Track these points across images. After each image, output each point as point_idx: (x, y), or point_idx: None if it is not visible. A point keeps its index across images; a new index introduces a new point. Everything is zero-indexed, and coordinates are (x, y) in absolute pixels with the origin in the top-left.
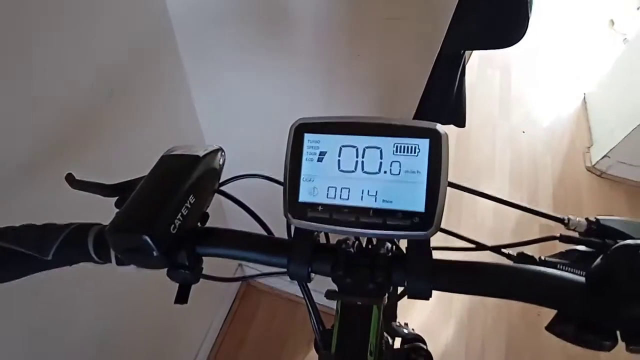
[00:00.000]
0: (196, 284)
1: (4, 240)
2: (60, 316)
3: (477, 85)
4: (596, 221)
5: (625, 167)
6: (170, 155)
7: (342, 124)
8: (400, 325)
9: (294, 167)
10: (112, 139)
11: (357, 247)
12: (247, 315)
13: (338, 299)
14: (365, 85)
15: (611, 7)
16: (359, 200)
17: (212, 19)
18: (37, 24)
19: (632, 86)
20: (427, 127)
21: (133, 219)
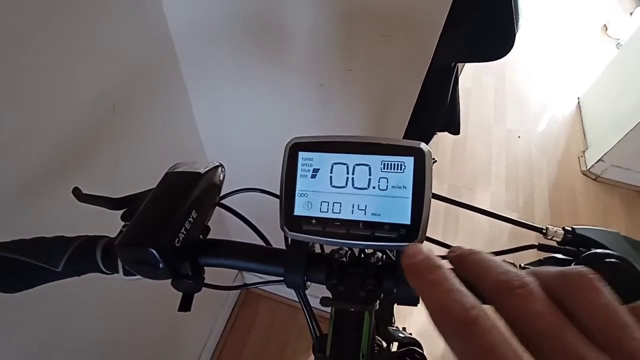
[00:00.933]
0: (198, 292)
1: (16, 252)
2: (64, 324)
3: (472, 91)
4: (572, 230)
5: (620, 171)
6: (174, 172)
7: (333, 143)
8: (396, 329)
9: (289, 183)
10: (116, 153)
11: (349, 257)
12: (247, 321)
13: (332, 306)
14: (358, 98)
15: (604, 12)
16: (350, 213)
17: (212, 37)
18: (41, 42)
19: (625, 90)
20: (412, 146)
21: (140, 233)
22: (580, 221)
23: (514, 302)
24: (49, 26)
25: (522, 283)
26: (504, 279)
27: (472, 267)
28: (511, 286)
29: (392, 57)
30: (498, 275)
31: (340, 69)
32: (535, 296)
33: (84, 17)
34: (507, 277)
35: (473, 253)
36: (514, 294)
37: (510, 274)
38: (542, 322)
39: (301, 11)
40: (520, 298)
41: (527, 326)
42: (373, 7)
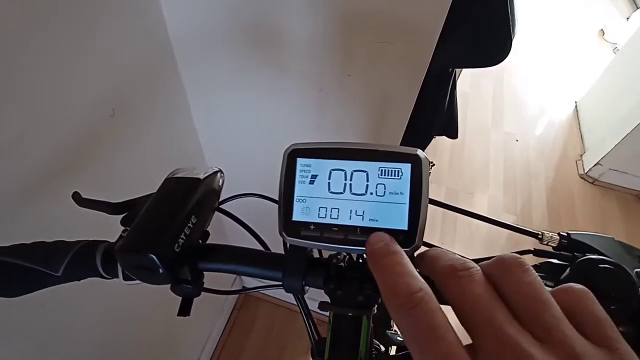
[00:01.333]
0: (198, 297)
1: (16, 257)
2: (63, 328)
3: (470, 95)
4: (567, 236)
5: (617, 175)
6: (174, 178)
7: (331, 149)
8: (395, 332)
9: (287, 189)
10: (116, 157)
11: (347, 261)
12: (245, 325)
13: (330, 310)
14: (356, 103)
15: (601, 17)
16: (348, 219)
17: (211, 41)
18: (40, 44)
19: (622, 94)
20: (409, 153)
21: (141, 239)
22: (577, 224)
23: (457, 283)
24: (48, 28)
25: (464, 267)
26: (449, 264)
27: (427, 258)
28: (455, 269)
29: (390, 63)
30: (446, 261)
31: (339, 74)
32: (475, 279)
33: (84, 20)
34: (452, 262)
35: (431, 249)
36: (457, 276)
37: (456, 260)
38: (479, 304)
39: (300, 16)
40: (462, 280)
41: (465, 305)
42: (371, 13)
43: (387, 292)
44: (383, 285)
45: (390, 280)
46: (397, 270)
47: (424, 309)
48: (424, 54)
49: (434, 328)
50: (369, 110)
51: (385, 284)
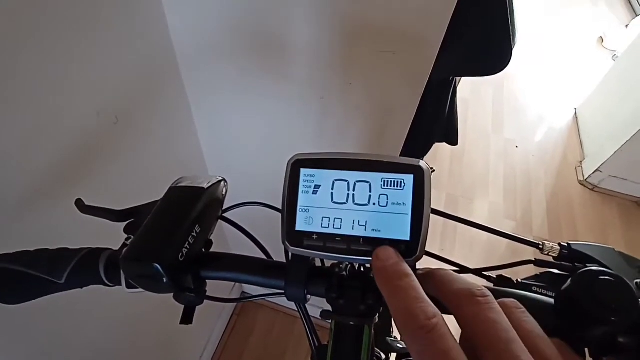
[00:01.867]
0: (200, 305)
1: (19, 264)
2: (63, 333)
3: (470, 102)
4: (568, 246)
5: (617, 181)
6: (177, 187)
7: (335, 160)
8: (395, 339)
9: (291, 199)
10: (118, 164)
11: (349, 271)
12: (245, 330)
13: (332, 319)
14: (357, 111)
15: (601, 24)
16: (350, 229)
17: (214, 49)
18: (44, 51)
19: (621, 101)
20: (412, 164)
21: (145, 248)
22: (577, 231)
23: (476, 309)
24: (51, 34)
25: (482, 294)
26: (466, 288)
27: (438, 279)
28: (474, 294)
29: (392, 72)
30: (461, 285)
31: (341, 82)
32: (493, 307)
33: (87, 26)
34: (470, 287)
35: (440, 269)
36: (476, 302)
37: (472, 285)
38: (497, 331)
39: (303, 25)
40: (481, 306)
41: (483, 331)
42: (373, 23)
43: (403, 315)
44: (398, 309)
45: (405, 304)
46: (412, 295)
47: (439, 333)
48: (425, 63)
49: (449, 352)
50: (370, 118)
51: (400, 307)
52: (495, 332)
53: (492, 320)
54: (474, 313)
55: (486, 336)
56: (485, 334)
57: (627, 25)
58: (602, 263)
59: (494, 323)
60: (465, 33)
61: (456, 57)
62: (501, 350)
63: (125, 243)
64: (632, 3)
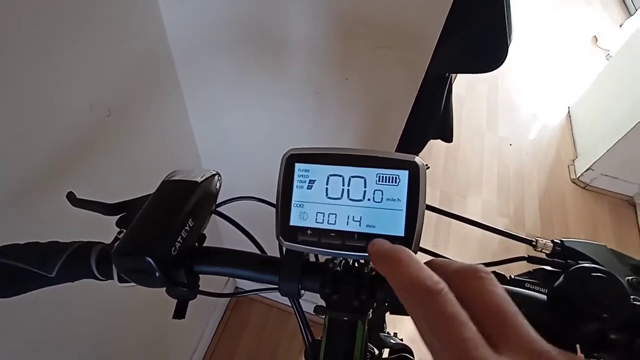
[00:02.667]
0: (193, 300)
1: (9, 258)
2: (54, 328)
3: (465, 99)
4: (561, 243)
5: (609, 180)
6: (171, 181)
7: (330, 155)
8: (388, 335)
9: (285, 194)
10: (111, 158)
11: (343, 266)
12: (238, 325)
13: (326, 314)
14: (353, 106)
15: (595, 24)
16: (345, 225)
17: (209, 43)
18: (37, 45)
19: (614, 101)
20: (407, 160)
21: (137, 242)
22: (569, 228)
23: (481, 282)
24: (44, 28)
25: (484, 270)
26: (468, 265)
27: (437, 265)
28: (476, 269)
29: (388, 67)
30: (462, 265)
31: (336, 77)
32: (495, 282)
33: (81, 20)
34: (471, 265)
35: (437, 258)
36: (478, 276)
37: (473, 264)
38: (505, 302)
39: (299, 20)
40: (485, 280)
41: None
42: (370, 18)
43: (407, 282)
44: (401, 277)
45: (409, 273)
46: (415, 265)
47: (445, 297)
48: (421, 59)
49: (457, 315)
50: (366, 113)
51: (404, 277)
52: (503, 304)
53: (498, 294)
54: (478, 286)
55: (493, 308)
56: (492, 306)
57: (621, 24)
58: (594, 260)
59: (500, 296)
60: (462, 29)
61: (452, 53)
62: (508, 322)
63: (117, 237)
64: (626, 3)
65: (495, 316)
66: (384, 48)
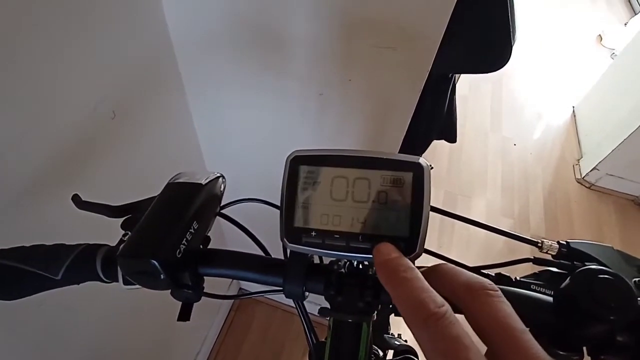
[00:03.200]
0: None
1: (15, 260)
2: (59, 330)
3: (469, 99)
4: (567, 244)
5: (614, 180)
6: (176, 183)
7: (334, 156)
8: (392, 336)
9: (290, 195)
10: (115, 160)
11: (348, 268)
12: (242, 326)
13: (330, 316)
14: (356, 107)
15: (599, 23)
16: (349, 226)
17: (212, 45)
18: (41, 46)
19: (619, 100)
20: (411, 161)
21: (143, 245)
22: (574, 228)
23: (487, 300)
24: (48, 29)
25: (492, 286)
26: (477, 280)
27: (443, 273)
28: (484, 286)
29: (392, 68)
30: (471, 277)
31: (340, 78)
32: (503, 299)
33: (84, 20)
34: (479, 279)
35: (443, 264)
36: (487, 293)
37: (481, 278)
38: (512, 321)
39: (302, 20)
40: (494, 298)
41: (497, 321)
42: (373, 18)
43: (412, 305)
44: (405, 299)
45: (413, 294)
46: (418, 285)
47: (449, 320)
48: (425, 59)
49: (460, 338)
50: (369, 114)
51: (408, 298)
52: (511, 322)
53: (505, 311)
54: (486, 303)
55: (501, 326)
56: (499, 324)
57: (626, 23)
58: (600, 261)
59: (507, 314)
60: (466, 30)
61: (456, 53)
62: (516, 340)
63: (122, 239)
64: (631, 1)
65: (504, 335)
66: (387, 48)
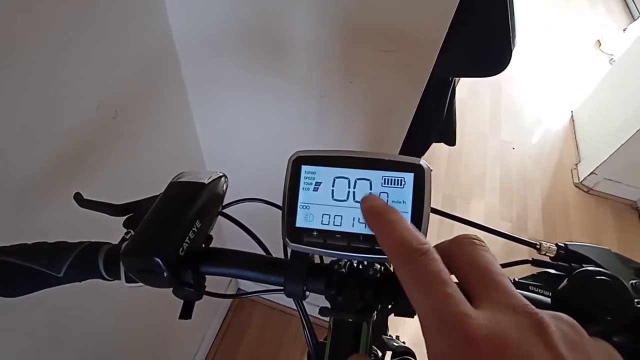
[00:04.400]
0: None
1: (18, 257)
2: (58, 328)
3: (468, 102)
4: (565, 246)
5: (612, 184)
6: (179, 182)
7: (336, 157)
8: (390, 337)
9: (291, 196)
10: (117, 159)
11: (348, 268)
12: (240, 327)
13: (330, 316)
14: (357, 109)
15: (598, 28)
16: (351, 226)
17: (215, 46)
18: (45, 46)
19: (617, 105)
20: (412, 162)
21: (146, 243)
22: (572, 232)
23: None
24: (51, 29)
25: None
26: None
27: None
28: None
29: (392, 71)
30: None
31: (341, 81)
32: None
33: (87, 20)
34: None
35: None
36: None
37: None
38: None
39: (304, 23)
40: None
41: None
42: (375, 22)
43: (396, 242)
44: (390, 237)
45: (398, 232)
46: (403, 225)
47: (431, 256)
48: (425, 63)
49: (440, 273)
50: (370, 116)
51: (392, 236)
52: (489, 265)
53: (486, 257)
54: (469, 250)
55: (479, 268)
56: (478, 266)
57: (624, 29)
58: (598, 264)
59: (488, 259)
60: (466, 34)
61: (456, 57)
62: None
63: (125, 237)
64: (630, 7)
65: (480, 275)
66: (388, 52)
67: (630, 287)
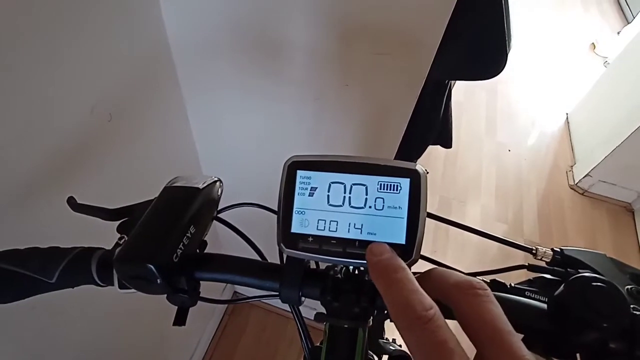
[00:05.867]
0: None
1: (9, 263)
2: (52, 333)
3: (464, 105)
4: (561, 251)
5: (607, 186)
6: (173, 187)
7: (331, 162)
8: (387, 341)
9: (287, 201)
10: (111, 163)
11: (344, 273)
12: (236, 330)
13: (326, 322)
14: (353, 112)
15: (593, 31)
16: (346, 232)
17: (210, 49)
18: (38, 48)
19: (612, 108)
20: (409, 168)
21: (139, 249)
22: (567, 234)
23: (477, 300)
24: (44, 30)
25: (482, 286)
26: (466, 280)
27: (435, 276)
28: (474, 287)
29: (388, 74)
30: (460, 277)
31: (336, 83)
32: (492, 299)
33: (81, 22)
34: (470, 280)
35: (435, 268)
36: (475, 293)
37: (471, 279)
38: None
39: (299, 26)
40: (482, 297)
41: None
42: (370, 25)
43: (400, 307)
44: (394, 301)
45: (402, 296)
46: (408, 287)
47: (436, 324)
48: (421, 66)
49: (446, 341)
50: (366, 119)
51: (397, 299)
52: (498, 323)
53: (493, 312)
54: (475, 303)
55: (488, 327)
56: (487, 325)
57: (618, 32)
58: (594, 269)
59: (495, 314)
60: (462, 37)
61: (452, 60)
62: (503, 341)
63: (118, 242)
64: (624, 10)
65: (490, 334)
66: (384, 55)
67: (626, 292)
